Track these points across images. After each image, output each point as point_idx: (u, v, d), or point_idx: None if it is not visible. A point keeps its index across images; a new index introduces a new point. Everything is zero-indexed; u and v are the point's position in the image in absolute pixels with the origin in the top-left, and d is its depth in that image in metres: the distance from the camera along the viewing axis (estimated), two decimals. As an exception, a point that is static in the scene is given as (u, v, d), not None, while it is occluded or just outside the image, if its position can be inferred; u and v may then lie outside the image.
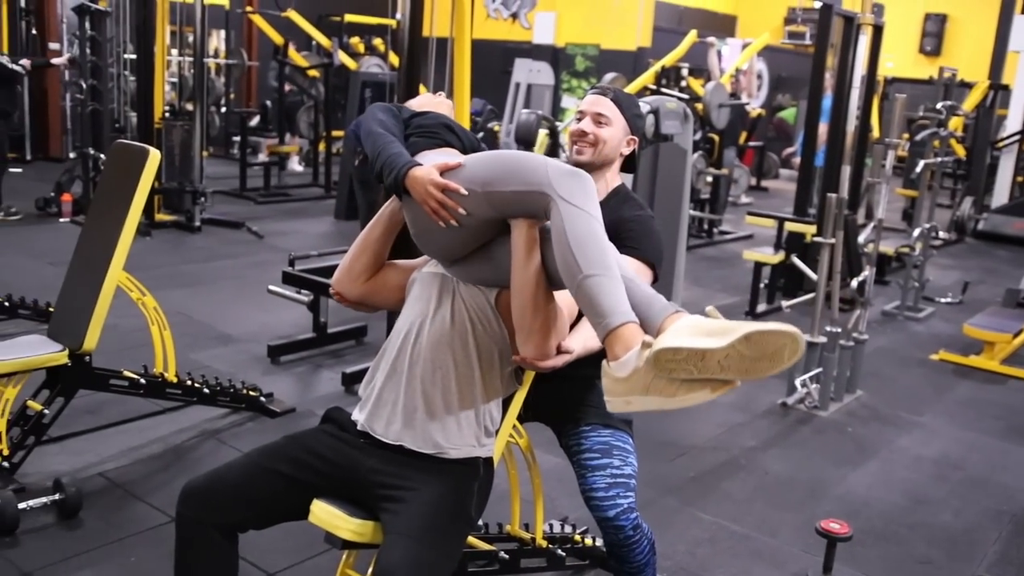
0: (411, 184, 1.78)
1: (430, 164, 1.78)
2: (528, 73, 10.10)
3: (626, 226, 2.13)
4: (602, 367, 1.58)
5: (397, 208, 2.01)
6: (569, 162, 2.20)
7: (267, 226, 7.88)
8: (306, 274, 4.69)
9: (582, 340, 1.93)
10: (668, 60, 9.45)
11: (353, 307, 2.09)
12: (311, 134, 10.93)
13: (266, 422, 3.83)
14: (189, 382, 3.57)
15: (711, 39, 10.54)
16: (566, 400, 2.31)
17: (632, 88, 8.89)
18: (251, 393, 3.86)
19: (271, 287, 4.98)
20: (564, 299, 1.83)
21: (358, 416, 2.00)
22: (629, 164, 2.29)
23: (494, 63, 11.21)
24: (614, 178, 2.27)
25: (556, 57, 12.49)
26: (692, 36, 9.65)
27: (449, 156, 1.86)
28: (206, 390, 3.63)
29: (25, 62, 7.57)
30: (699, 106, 8.89)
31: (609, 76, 9.61)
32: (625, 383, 1.52)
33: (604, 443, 2.23)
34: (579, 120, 2.22)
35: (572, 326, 1.95)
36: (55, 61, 7.84)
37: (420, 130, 1.95)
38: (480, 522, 2.51)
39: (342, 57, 10.29)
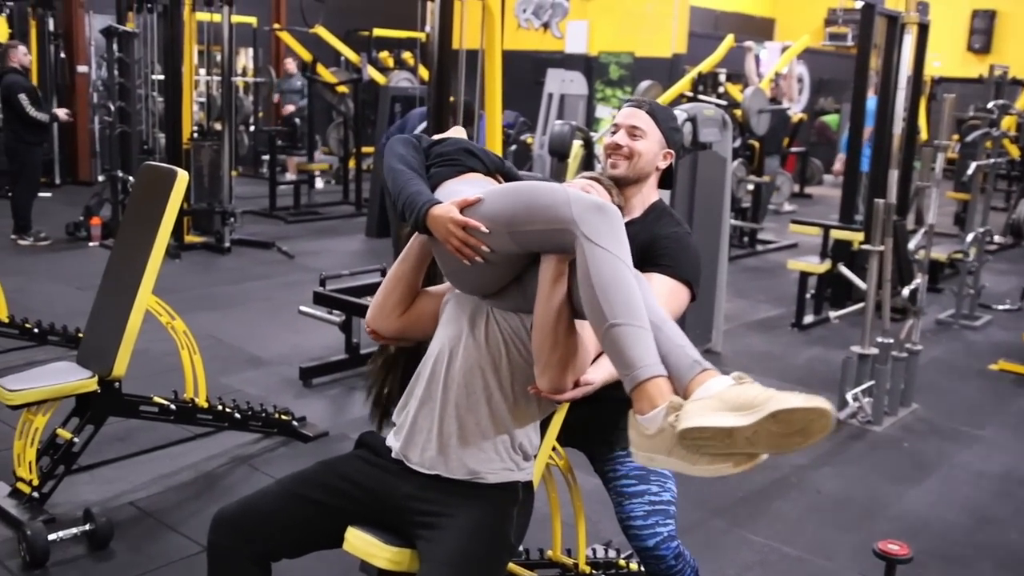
0: (432, 224, 1.78)
1: (449, 202, 1.78)
2: (561, 83, 10.10)
3: (661, 243, 2.12)
4: (629, 417, 1.57)
5: (427, 239, 2.00)
6: (604, 175, 2.20)
7: (297, 245, 7.94)
8: (338, 294, 4.70)
9: (605, 371, 1.91)
10: (705, 66, 9.41)
11: (392, 343, 2.09)
12: (341, 151, 11.01)
13: (299, 447, 3.83)
14: (220, 407, 3.59)
15: (749, 43, 10.44)
16: (598, 423, 2.29)
17: (668, 96, 8.87)
18: (283, 417, 3.87)
19: (302, 308, 5.01)
20: (588, 332, 1.83)
21: (392, 443, 1.99)
22: (666, 179, 2.28)
23: (526, 74, 11.22)
24: (651, 193, 2.26)
25: (589, 66, 12.48)
26: (729, 41, 9.60)
27: (471, 185, 1.88)
28: (237, 415, 3.65)
29: (58, 112, 7.76)
30: (738, 112, 8.84)
31: (644, 84, 9.58)
32: (650, 440, 1.52)
33: (640, 468, 2.22)
34: (614, 133, 2.22)
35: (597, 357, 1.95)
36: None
37: (440, 159, 1.95)
38: (520, 548, 2.48)
39: (371, 72, 10.38)
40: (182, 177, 3.16)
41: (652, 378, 1.52)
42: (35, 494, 3.05)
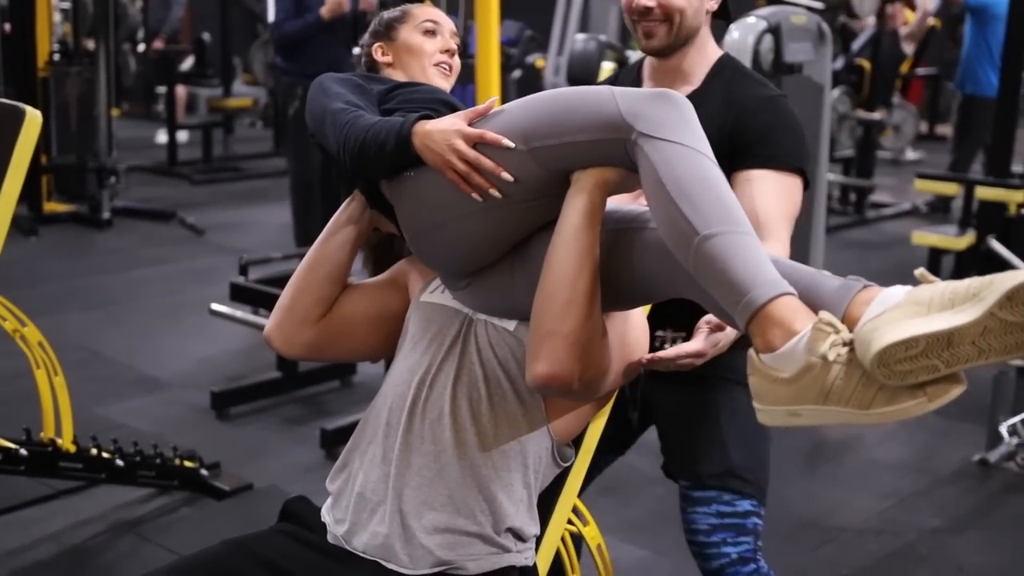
0: (426, 140, 1.76)
1: (451, 115, 1.80)
2: (585, -22, 10.06)
3: (750, 118, 2.20)
4: (749, 360, 1.57)
5: (360, 208, 2.06)
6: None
7: (209, 216, 7.92)
8: (264, 286, 4.68)
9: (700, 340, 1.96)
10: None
11: (300, 358, 2.09)
12: (270, 80, 10.98)
13: (210, 506, 3.82)
14: (94, 451, 3.55)
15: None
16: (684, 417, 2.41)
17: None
18: (187, 464, 3.85)
19: (215, 306, 5.00)
20: (629, 326, 1.88)
21: (328, 520, 1.98)
22: (722, 10, 2.34)
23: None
24: (708, 47, 2.32)
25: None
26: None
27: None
28: (119, 462, 3.60)
29: None
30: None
31: None
32: (791, 386, 1.51)
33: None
34: None
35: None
36: None
37: (411, 106, 1.95)
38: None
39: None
40: (31, 119, 3.10)
41: (777, 297, 1.53)
42: None
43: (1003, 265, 5.90)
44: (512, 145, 1.71)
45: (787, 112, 2.23)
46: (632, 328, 1.94)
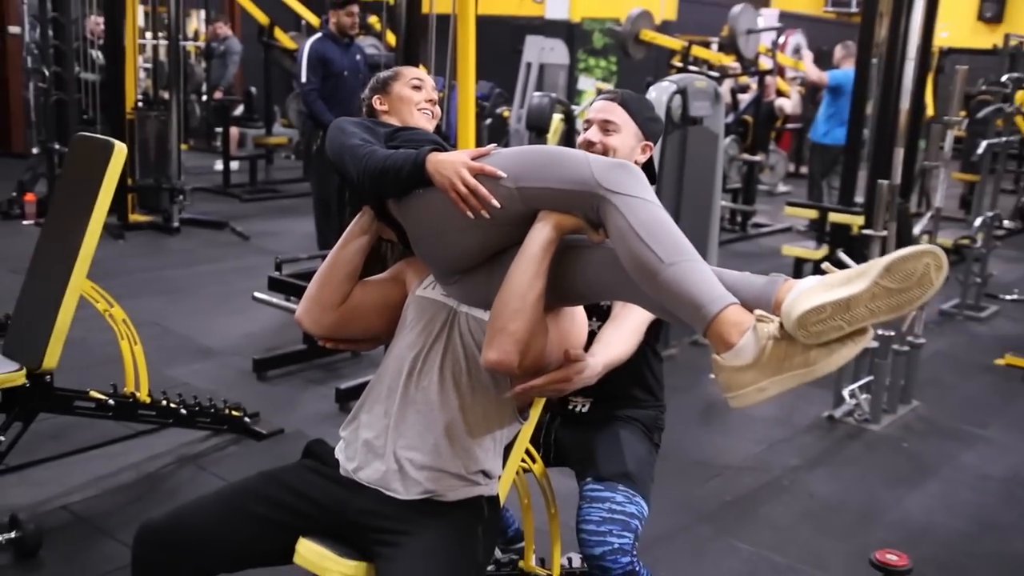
0: (438, 166, 1.76)
1: (457, 151, 1.80)
2: (540, 52, 10.04)
3: None
4: (714, 362, 1.58)
5: (369, 220, 2.03)
6: None
7: (253, 226, 7.89)
8: (294, 279, 4.66)
9: (603, 356, 1.94)
10: (696, 49, 9.35)
11: (326, 341, 2.08)
12: (301, 123, 10.90)
13: (251, 445, 3.80)
14: (164, 402, 3.54)
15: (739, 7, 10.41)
16: (584, 444, 2.33)
17: (656, 39, 8.79)
18: (234, 413, 3.83)
19: (257, 294, 4.97)
20: (575, 324, 1.86)
21: (341, 458, 1.98)
22: (648, 174, 2.29)
23: (503, 41, 11.15)
24: None
25: (571, 34, 12.44)
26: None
27: None
28: (183, 411, 3.60)
29: None
30: (724, 31, 8.80)
31: (635, 11, 9.43)
32: (752, 369, 1.53)
33: (612, 478, 2.23)
34: (586, 130, 2.25)
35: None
36: None
37: (411, 144, 1.93)
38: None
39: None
40: (119, 151, 3.09)
41: (728, 306, 1.55)
42: (-43, 498, 2.98)
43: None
44: (504, 175, 1.72)
45: None
46: (576, 325, 1.92)
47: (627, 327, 2.14)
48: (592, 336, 2.07)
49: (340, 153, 1.90)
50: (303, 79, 6.00)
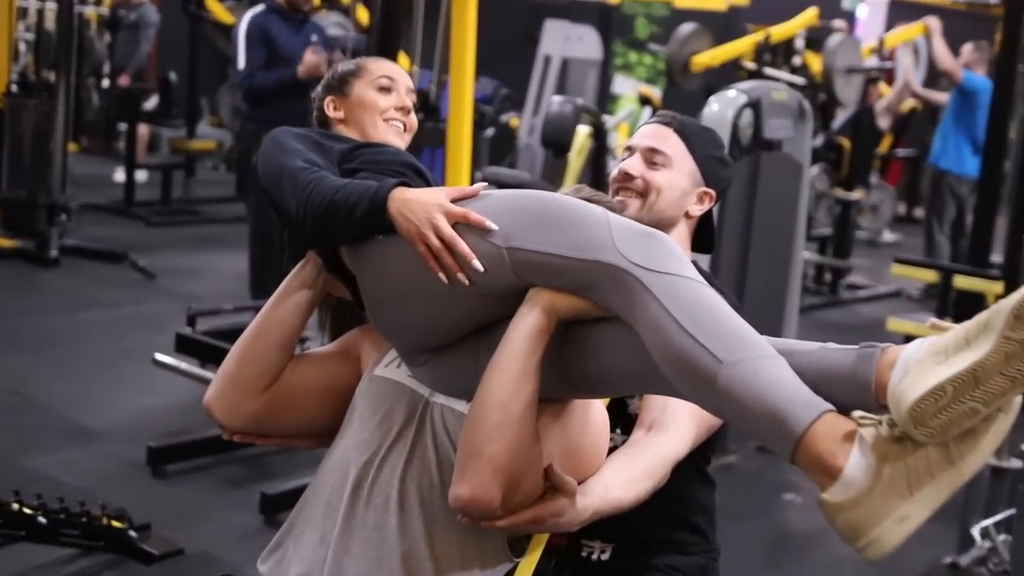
0: (403, 208, 1.75)
1: (434, 188, 1.82)
2: (564, 42, 10.12)
3: None
4: (825, 507, 1.53)
5: (315, 272, 2.03)
6: (610, 198, 2.22)
7: (163, 260, 7.86)
8: (213, 339, 4.68)
9: (597, 497, 1.90)
10: (779, 32, 9.34)
11: (243, 438, 2.07)
12: (236, 124, 10.92)
13: (135, 572, 3.72)
14: (15, 506, 3.50)
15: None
16: None
17: (722, 55, 8.79)
18: (115, 524, 3.75)
19: (159, 356, 4.96)
20: (588, 427, 1.86)
21: None
22: (706, 236, 2.33)
23: (513, 26, 11.22)
24: None
25: (607, 19, 12.50)
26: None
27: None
28: (42, 519, 3.55)
29: None
30: (816, 68, 8.81)
31: (686, 28, 9.44)
32: (876, 496, 1.49)
33: None
34: (625, 159, 2.27)
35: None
36: None
37: (376, 167, 1.96)
38: None
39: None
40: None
41: (820, 416, 1.51)
42: None
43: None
44: (493, 228, 1.70)
45: None
46: (592, 427, 1.88)
47: (647, 459, 2.06)
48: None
49: (277, 177, 1.91)
50: (241, 64, 5.99)
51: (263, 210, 5.95)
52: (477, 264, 1.70)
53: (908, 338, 6.19)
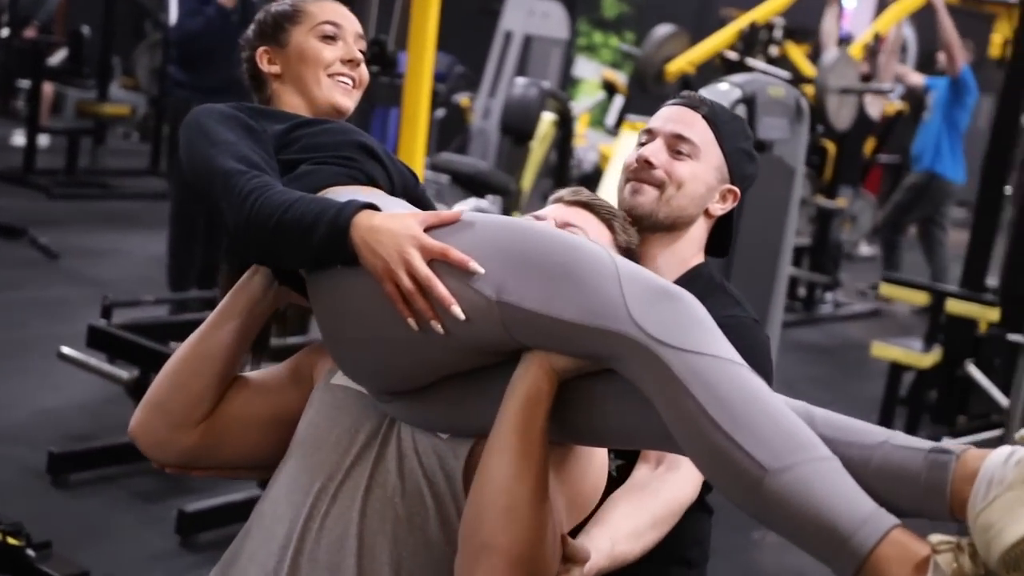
0: (370, 239, 1.65)
1: (405, 213, 1.72)
2: (528, 17, 10.09)
3: None
4: None
5: (263, 285, 1.94)
6: (602, 201, 2.16)
7: (66, 238, 7.79)
8: (130, 333, 4.59)
9: (609, 541, 1.89)
10: (763, 12, 9.35)
11: (175, 471, 2.00)
12: (155, 87, 10.81)
13: None
14: None
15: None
16: None
17: (701, 54, 8.80)
18: (10, 542, 3.64)
19: (65, 350, 4.85)
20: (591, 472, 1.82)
21: None
22: (722, 238, 2.31)
23: (470, -2, 11.22)
24: (691, 251, 2.27)
25: (572, -6, 12.51)
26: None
27: (402, 205, 1.82)
28: (-76, 534, 3.48)
29: None
30: (796, 59, 8.92)
31: (661, 31, 9.48)
32: None
33: None
34: (644, 143, 2.23)
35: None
36: None
37: (319, 153, 1.89)
38: None
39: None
40: None
41: (888, 532, 1.45)
42: None
43: (970, 391, 5.91)
44: (481, 272, 1.60)
45: (752, 338, 2.14)
46: (592, 473, 1.85)
47: (656, 507, 2.05)
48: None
49: (206, 178, 1.81)
50: (176, 17, 5.88)
51: (188, 188, 5.88)
52: (458, 312, 1.60)
53: (894, 368, 6.22)
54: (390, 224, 1.65)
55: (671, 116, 2.21)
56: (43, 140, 10.19)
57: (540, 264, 1.61)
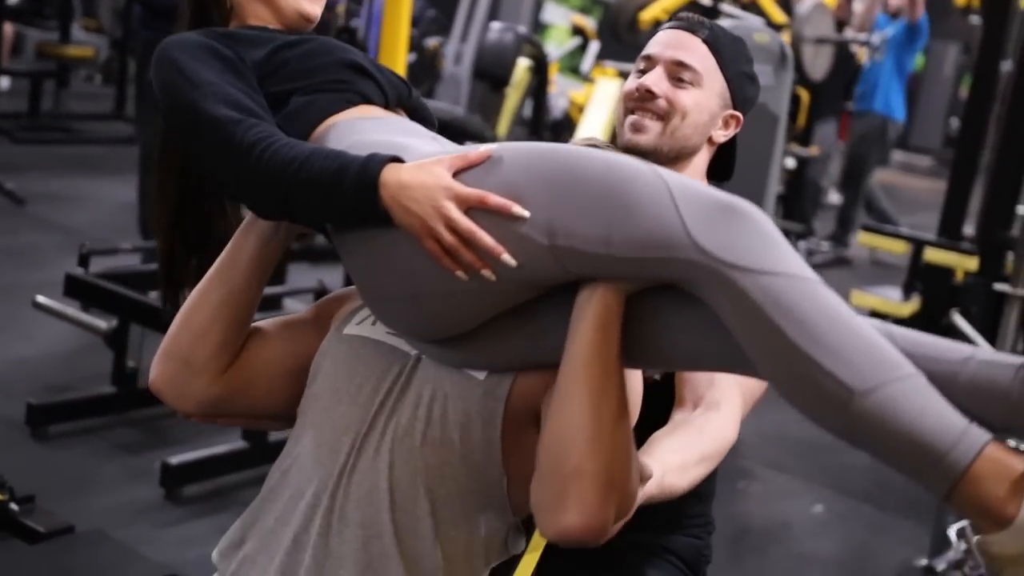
0: (401, 196, 1.59)
1: (428, 160, 1.63)
2: (500, -41, 10.01)
3: None
4: (985, 551, 1.53)
5: (271, 223, 1.88)
6: (622, 145, 2.16)
7: (32, 183, 7.73)
8: (108, 282, 4.56)
9: (660, 469, 1.88)
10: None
11: (201, 419, 1.97)
12: (117, 29, 10.67)
13: (18, 550, 3.62)
14: None
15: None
16: None
17: (670, 3, 8.77)
18: (-6, 495, 3.70)
19: (40, 299, 4.82)
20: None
21: None
22: (724, 164, 2.30)
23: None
24: (695, 180, 2.22)
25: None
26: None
27: (403, 134, 1.77)
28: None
29: None
30: (767, 6, 8.96)
31: None
32: None
33: None
34: (643, 72, 2.18)
35: None
36: None
37: (309, 81, 1.83)
38: None
39: None
40: None
41: (982, 450, 1.46)
42: None
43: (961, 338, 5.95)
44: (526, 215, 1.56)
45: None
46: (632, 401, 1.78)
47: (703, 444, 2.05)
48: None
49: (194, 127, 1.72)
50: None
51: (153, 133, 5.82)
52: (509, 259, 1.57)
53: (872, 315, 6.24)
54: (420, 177, 1.60)
55: (671, 41, 2.16)
56: (3, 82, 10.12)
57: (587, 195, 1.56)
